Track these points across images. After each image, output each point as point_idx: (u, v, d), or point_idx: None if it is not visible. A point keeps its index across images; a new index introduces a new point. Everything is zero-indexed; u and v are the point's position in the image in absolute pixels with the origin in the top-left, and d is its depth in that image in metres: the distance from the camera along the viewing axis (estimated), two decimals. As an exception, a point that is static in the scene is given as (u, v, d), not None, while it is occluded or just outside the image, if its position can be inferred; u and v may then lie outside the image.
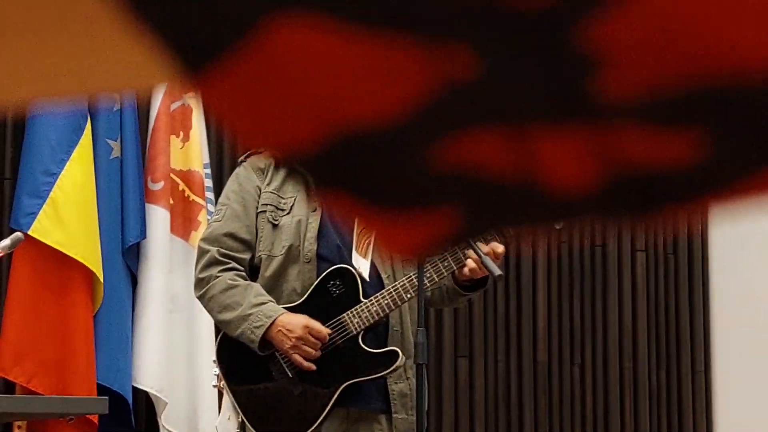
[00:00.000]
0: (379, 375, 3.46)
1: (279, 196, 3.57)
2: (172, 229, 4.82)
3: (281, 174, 3.60)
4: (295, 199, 3.56)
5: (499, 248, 3.45)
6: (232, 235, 3.55)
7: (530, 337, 5.62)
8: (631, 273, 5.86)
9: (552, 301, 5.69)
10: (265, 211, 3.56)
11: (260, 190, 3.59)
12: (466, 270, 3.45)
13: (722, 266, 6.02)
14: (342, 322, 3.47)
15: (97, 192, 4.64)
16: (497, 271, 3.32)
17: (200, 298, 3.57)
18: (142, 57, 0.54)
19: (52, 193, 4.55)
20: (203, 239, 3.62)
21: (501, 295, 5.57)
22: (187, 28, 0.52)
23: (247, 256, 3.55)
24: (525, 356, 5.60)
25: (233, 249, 3.54)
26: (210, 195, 4.92)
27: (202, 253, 3.57)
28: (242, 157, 3.72)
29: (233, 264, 3.53)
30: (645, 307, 5.86)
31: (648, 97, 0.54)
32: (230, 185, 3.66)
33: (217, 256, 3.52)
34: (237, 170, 3.69)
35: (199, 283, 3.55)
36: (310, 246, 3.49)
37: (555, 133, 0.55)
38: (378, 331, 3.51)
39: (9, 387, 4.61)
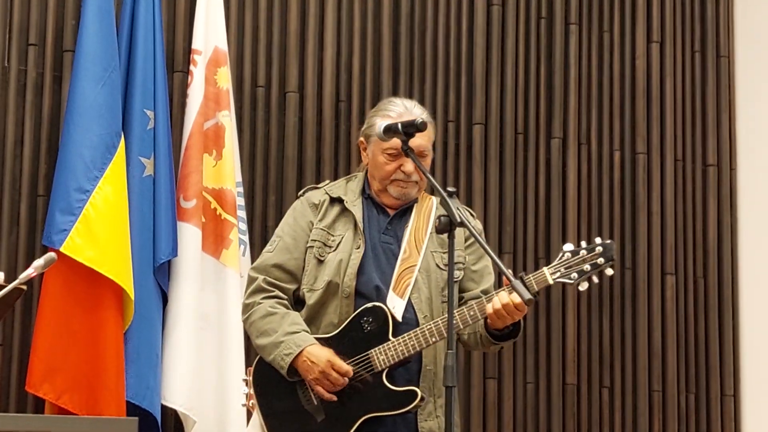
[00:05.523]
0: (398, 412, 3.57)
1: (329, 233, 3.73)
2: (204, 247, 4.83)
3: (334, 212, 3.76)
4: (342, 238, 3.71)
5: (517, 300, 3.49)
6: (279, 267, 3.73)
7: (559, 359, 5.61)
8: (661, 296, 5.84)
9: (581, 324, 5.68)
10: (313, 247, 3.72)
11: (312, 225, 3.75)
12: (490, 310, 3.53)
13: (752, 290, 6.00)
14: (368, 358, 3.59)
15: (129, 209, 4.66)
16: (527, 295, 3.33)
17: (244, 322, 3.77)
18: None
19: (84, 210, 4.56)
20: (253, 267, 3.80)
21: (530, 317, 5.57)
22: None
23: (292, 286, 3.73)
24: (554, 378, 5.59)
25: (279, 279, 3.72)
26: (242, 213, 4.93)
27: (250, 280, 3.76)
28: (301, 192, 3.89)
29: (276, 292, 3.71)
30: (674, 330, 5.84)
31: None
32: (287, 218, 3.83)
33: (263, 284, 3.72)
34: (295, 203, 3.86)
35: (245, 308, 3.75)
36: (349, 282, 3.64)
37: None
38: (410, 368, 3.62)
39: (38, 404, 4.63)
